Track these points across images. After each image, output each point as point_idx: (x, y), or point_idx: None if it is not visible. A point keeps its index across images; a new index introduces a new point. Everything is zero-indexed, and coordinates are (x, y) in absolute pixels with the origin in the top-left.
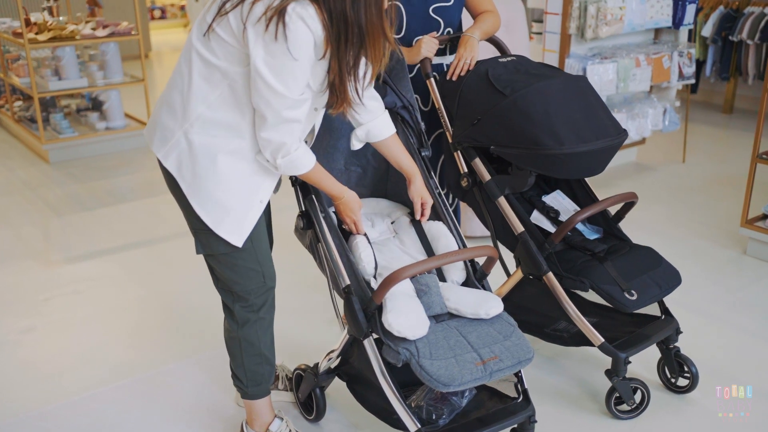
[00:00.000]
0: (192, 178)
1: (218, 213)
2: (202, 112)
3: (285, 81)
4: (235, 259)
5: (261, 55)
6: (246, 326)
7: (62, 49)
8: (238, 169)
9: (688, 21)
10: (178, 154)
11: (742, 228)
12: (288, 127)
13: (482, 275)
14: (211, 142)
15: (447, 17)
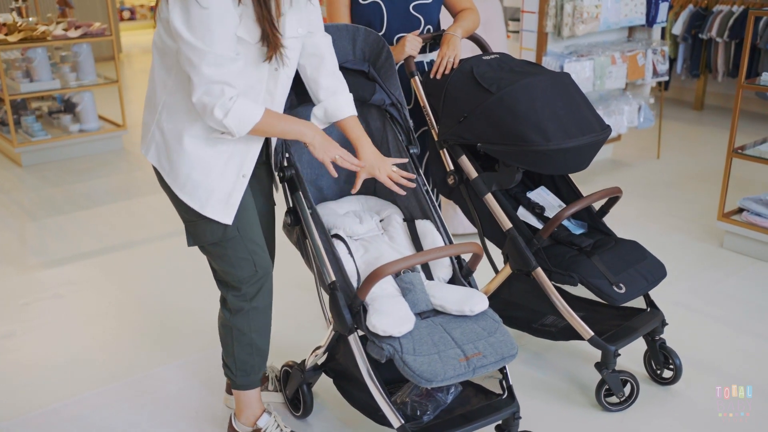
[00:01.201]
0: (170, 165)
1: (201, 194)
2: (165, 100)
3: (200, 34)
4: (224, 248)
5: (177, 13)
6: (238, 315)
7: (33, 50)
8: (209, 149)
9: (661, 19)
10: (155, 146)
11: (719, 221)
12: (217, 89)
13: (468, 272)
14: (176, 127)
15: (427, 15)
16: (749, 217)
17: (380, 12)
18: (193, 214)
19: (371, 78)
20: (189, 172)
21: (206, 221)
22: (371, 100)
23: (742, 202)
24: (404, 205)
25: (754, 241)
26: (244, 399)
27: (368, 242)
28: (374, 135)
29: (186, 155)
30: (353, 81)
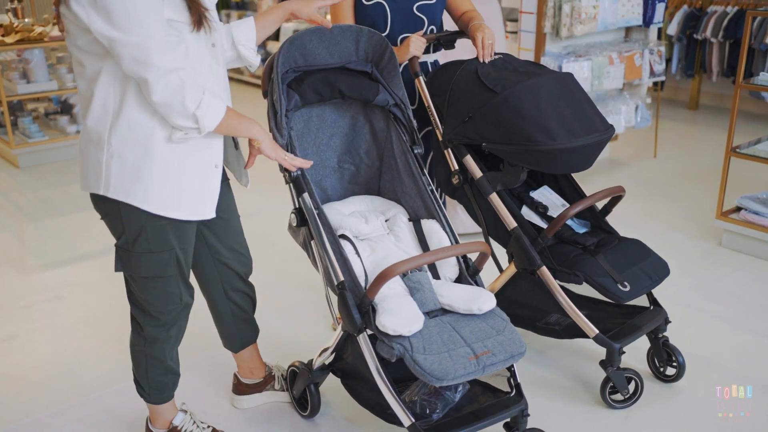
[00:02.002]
0: (142, 188)
1: (180, 200)
2: (111, 123)
3: (131, 27)
4: (157, 282)
5: (95, 18)
6: (155, 344)
7: (30, 51)
8: (177, 149)
9: (657, 19)
10: (116, 178)
11: (717, 220)
12: (175, 77)
13: (475, 271)
14: (138, 141)
15: (430, 15)
16: (747, 216)
17: (384, 12)
18: (142, 244)
19: (374, 79)
20: (165, 181)
21: (151, 255)
22: (375, 100)
23: (740, 201)
24: (409, 205)
25: (752, 240)
26: (158, 409)
27: (374, 242)
28: (378, 135)
29: (158, 164)
30: (356, 82)
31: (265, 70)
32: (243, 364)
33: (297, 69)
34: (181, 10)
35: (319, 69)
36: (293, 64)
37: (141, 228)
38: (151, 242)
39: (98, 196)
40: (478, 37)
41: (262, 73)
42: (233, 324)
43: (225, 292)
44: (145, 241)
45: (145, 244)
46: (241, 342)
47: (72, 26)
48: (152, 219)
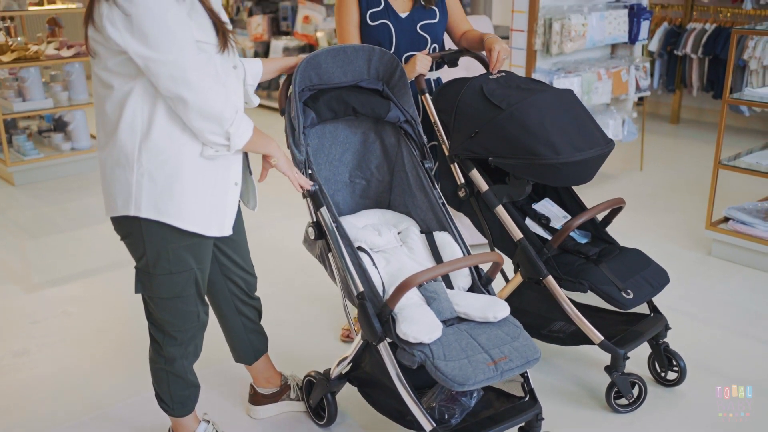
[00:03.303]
0: (174, 205)
1: (203, 216)
2: (140, 143)
3: (166, 46)
4: (175, 302)
5: (130, 40)
6: (174, 363)
7: (26, 70)
8: (205, 166)
9: (643, 37)
10: (147, 197)
11: (707, 230)
12: (212, 95)
13: (488, 280)
14: (169, 159)
15: (433, 34)
16: (735, 226)
17: (389, 32)
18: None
19: (385, 96)
20: (194, 198)
21: (171, 276)
22: (386, 117)
23: (727, 212)
24: (420, 218)
25: (741, 249)
26: (182, 421)
27: (389, 254)
28: (389, 150)
29: (188, 182)
30: (369, 99)
31: (281, 89)
32: (258, 375)
33: (312, 87)
34: (209, 31)
35: (334, 87)
36: (309, 82)
37: (162, 249)
38: (172, 263)
39: (122, 219)
40: (495, 49)
41: (278, 92)
42: (245, 336)
43: (235, 307)
44: (166, 262)
45: (165, 265)
46: (254, 353)
47: (102, 48)
48: (173, 240)
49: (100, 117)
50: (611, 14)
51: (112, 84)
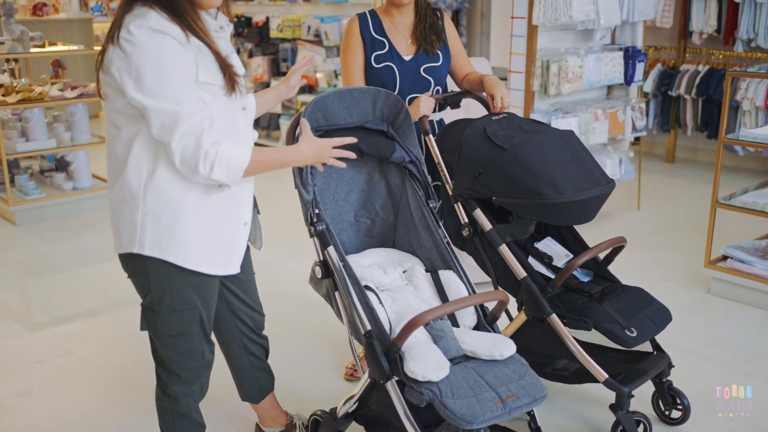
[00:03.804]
0: (176, 243)
1: (209, 254)
2: (146, 181)
3: (162, 93)
4: (181, 340)
5: (128, 83)
6: (179, 401)
7: (30, 110)
8: (210, 204)
9: (638, 78)
10: (150, 235)
11: (706, 268)
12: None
13: (493, 319)
14: (173, 198)
15: (436, 77)
16: (734, 264)
17: (393, 75)
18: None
19: (390, 137)
20: (197, 238)
21: (175, 314)
22: (391, 157)
23: (725, 250)
24: (425, 257)
25: (740, 287)
26: None
27: (395, 293)
28: (393, 190)
29: (191, 221)
30: (374, 140)
31: (289, 130)
32: (264, 414)
33: (319, 128)
34: (216, 74)
35: (340, 128)
36: (316, 123)
37: (166, 287)
38: (176, 301)
39: (128, 256)
40: (497, 96)
41: (286, 132)
42: (252, 374)
43: (243, 345)
44: (170, 300)
45: (169, 303)
46: (261, 391)
47: (110, 90)
48: (178, 278)
49: (110, 157)
50: (607, 56)
51: (120, 125)
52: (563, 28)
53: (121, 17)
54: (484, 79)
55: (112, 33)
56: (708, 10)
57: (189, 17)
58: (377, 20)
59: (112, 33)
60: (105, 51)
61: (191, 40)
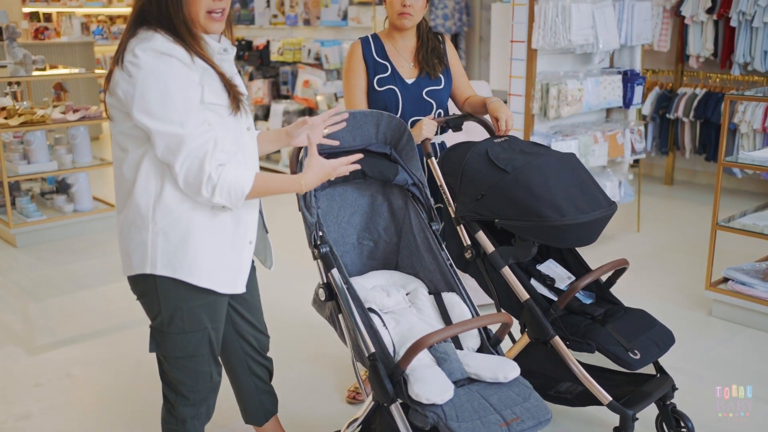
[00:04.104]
0: (187, 262)
1: (217, 273)
2: (154, 203)
3: (166, 116)
4: (190, 362)
5: (134, 106)
6: (186, 423)
7: (32, 133)
8: (217, 224)
9: (636, 101)
10: (161, 254)
11: (707, 291)
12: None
13: (496, 341)
14: (181, 217)
15: (438, 100)
16: (735, 286)
17: (396, 98)
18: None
19: (393, 160)
20: (206, 256)
21: (185, 335)
22: (394, 180)
23: (726, 272)
24: (428, 279)
25: (741, 309)
26: None
27: (398, 315)
28: (396, 213)
29: (200, 239)
30: (377, 163)
31: (293, 154)
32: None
33: (323, 151)
34: (221, 94)
35: (343, 151)
36: (320, 147)
37: (176, 307)
38: (186, 322)
39: (138, 278)
40: (502, 118)
41: (290, 157)
42: (257, 397)
43: (248, 367)
44: (180, 321)
45: (179, 324)
46: (265, 413)
47: (117, 113)
48: (188, 298)
49: (118, 180)
50: (606, 80)
51: (127, 147)
52: (562, 52)
53: (126, 41)
54: (488, 101)
55: (118, 56)
56: (704, 34)
57: (190, 42)
58: (380, 44)
59: (117, 56)
60: (111, 74)
61: (196, 61)
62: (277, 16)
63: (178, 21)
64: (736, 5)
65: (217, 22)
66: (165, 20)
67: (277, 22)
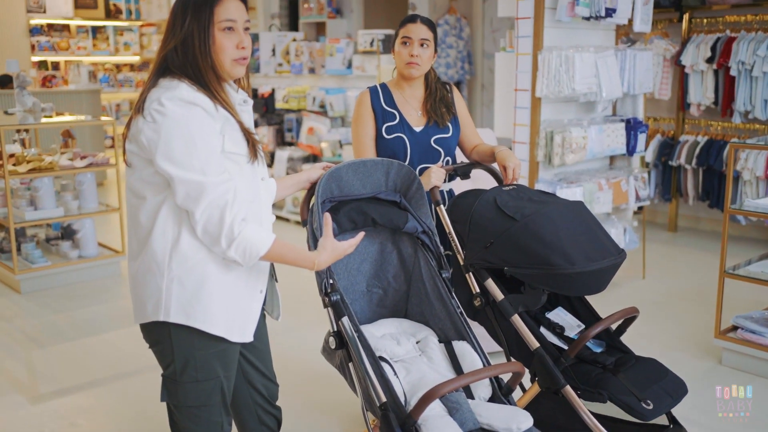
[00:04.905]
0: (202, 309)
1: (230, 320)
2: (170, 249)
3: (189, 164)
4: (201, 411)
5: (157, 153)
6: None
7: (39, 180)
8: (226, 275)
9: (640, 149)
10: (176, 301)
11: (716, 339)
12: (216, 216)
13: (508, 390)
14: (197, 264)
15: (446, 147)
16: (744, 335)
17: (404, 145)
18: (189, 373)
19: (403, 207)
20: (220, 304)
21: (197, 384)
22: (404, 228)
23: (735, 320)
24: (438, 327)
25: (752, 358)
26: None
27: (409, 364)
28: (406, 260)
29: (214, 287)
30: (387, 211)
31: (303, 201)
32: None
33: (333, 199)
34: (240, 143)
35: (354, 199)
36: (330, 194)
37: (189, 356)
38: (199, 371)
39: (152, 325)
40: (510, 167)
41: (301, 204)
42: None
43: (258, 416)
44: (193, 370)
45: (192, 373)
46: None
47: (137, 159)
48: (201, 347)
49: (133, 227)
50: (609, 127)
51: (145, 195)
52: (566, 100)
53: (148, 90)
54: (496, 150)
55: (139, 105)
56: (705, 83)
57: (216, 89)
58: (388, 93)
59: (139, 105)
60: (131, 122)
61: (219, 110)
62: (282, 64)
63: (206, 68)
64: (735, 55)
65: (241, 66)
66: (191, 68)
67: (283, 71)
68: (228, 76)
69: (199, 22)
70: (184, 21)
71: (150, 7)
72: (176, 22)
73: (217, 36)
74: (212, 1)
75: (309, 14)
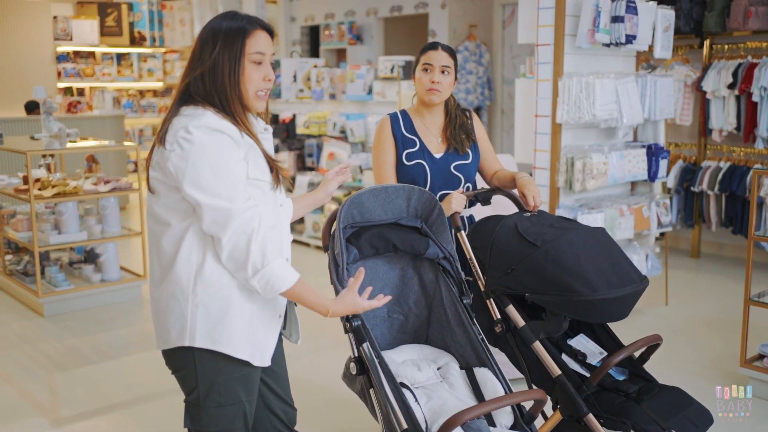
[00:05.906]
0: (227, 333)
1: (255, 346)
2: (195, 275)
3: (217, 191)
4: None
5: (184, 181)
6: None
7: (64, 204)
8: (248, 300)
9: (662, 174)
10: (201, 326)
11: (742, 368)
12: (243, 242)
13: (530, 418)
14: (222, 289)
15: (466, 174)
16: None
17: (424, 172)
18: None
19: (424, 233)
20: (243, 328)
21: (221, 409)
22: (426, 254)
23: (761, 349)
24: (459, 354)
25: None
26: None
27: (430, 390)
28: (427, 286)
29: (238, 312)
30: (408, 236)
31: (325, 227)
32: None
33: (354, 225)
34: (264, 170)
35: (375, 225)
36: (351, 220)
37: (213, 381)
38: (222, 396)
39: (175, 351)
40: (529, 195)
41: (322, 230)
42: None
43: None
44: (217, 395)
45: (216, 398)
46: None
47: (162, 187)
48: (225, 372)
49: (156, 253)
50: (630, 153)
51: (170, 221)
52: (586, 126)
53: (170, 119)
54: (517, 177)
55: (161, 134)
56: (727, 109)
57: (241, 117)
58: (408, 120)
59: (162, 134)
60: (153, 149)
61: (244, 137)
62: (303, 90)
63: (233, 97)
64: (757, 81)
65: (262, 100)
66: (218, 96)
67: (303, 96)
68: (250, 108)
69: (231, 52)
70: (213, 49)
71: (173, 34)
72: (204, 51)
73: (247, 67)
74: (244, 32)
75: (330, 41)
